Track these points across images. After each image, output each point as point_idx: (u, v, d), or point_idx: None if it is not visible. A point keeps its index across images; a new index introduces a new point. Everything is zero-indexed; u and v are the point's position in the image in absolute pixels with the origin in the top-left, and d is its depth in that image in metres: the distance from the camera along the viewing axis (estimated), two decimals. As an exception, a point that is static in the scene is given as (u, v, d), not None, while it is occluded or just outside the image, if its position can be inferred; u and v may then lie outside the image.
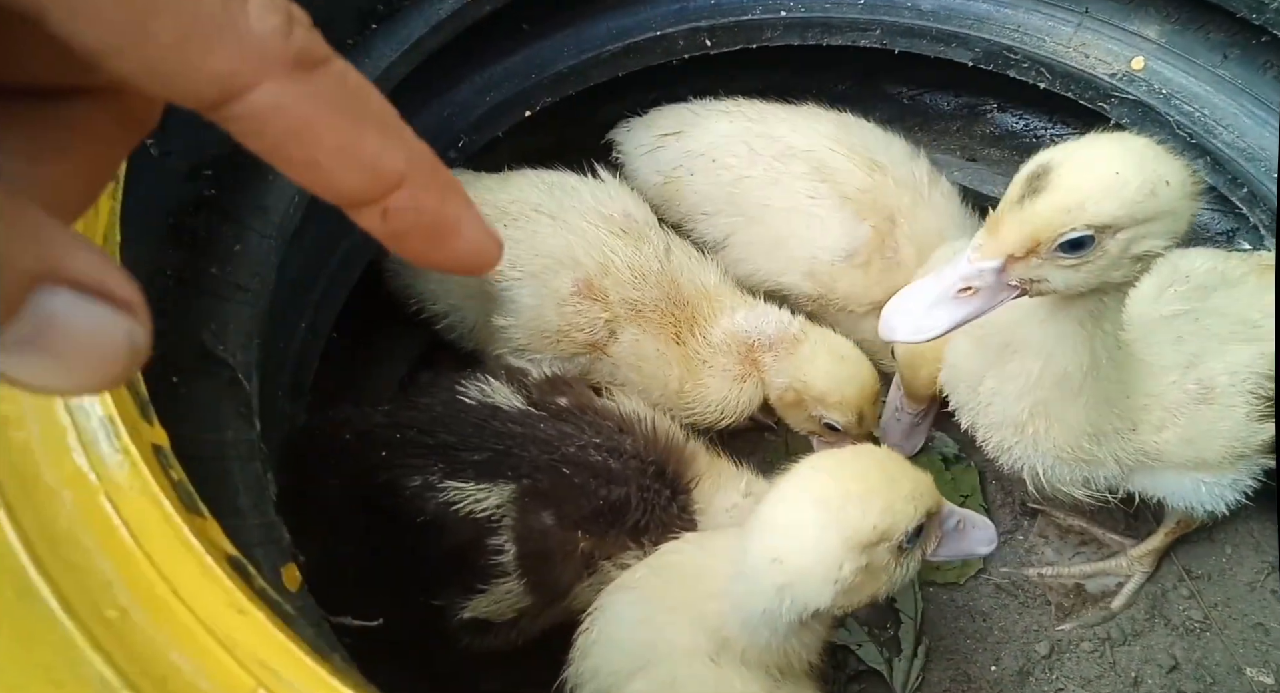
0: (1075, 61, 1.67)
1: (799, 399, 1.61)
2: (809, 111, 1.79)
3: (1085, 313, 1.18)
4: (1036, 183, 1.05)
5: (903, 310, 1.16)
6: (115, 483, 0.69)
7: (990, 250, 1.10)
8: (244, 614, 0.64)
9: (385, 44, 1.45)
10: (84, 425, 0.72)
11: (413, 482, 1.28)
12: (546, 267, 1.54)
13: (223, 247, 1.25)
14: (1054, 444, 1.32)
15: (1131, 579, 1.69)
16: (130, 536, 0.67)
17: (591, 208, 1.60)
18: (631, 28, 1.79)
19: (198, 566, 0.66)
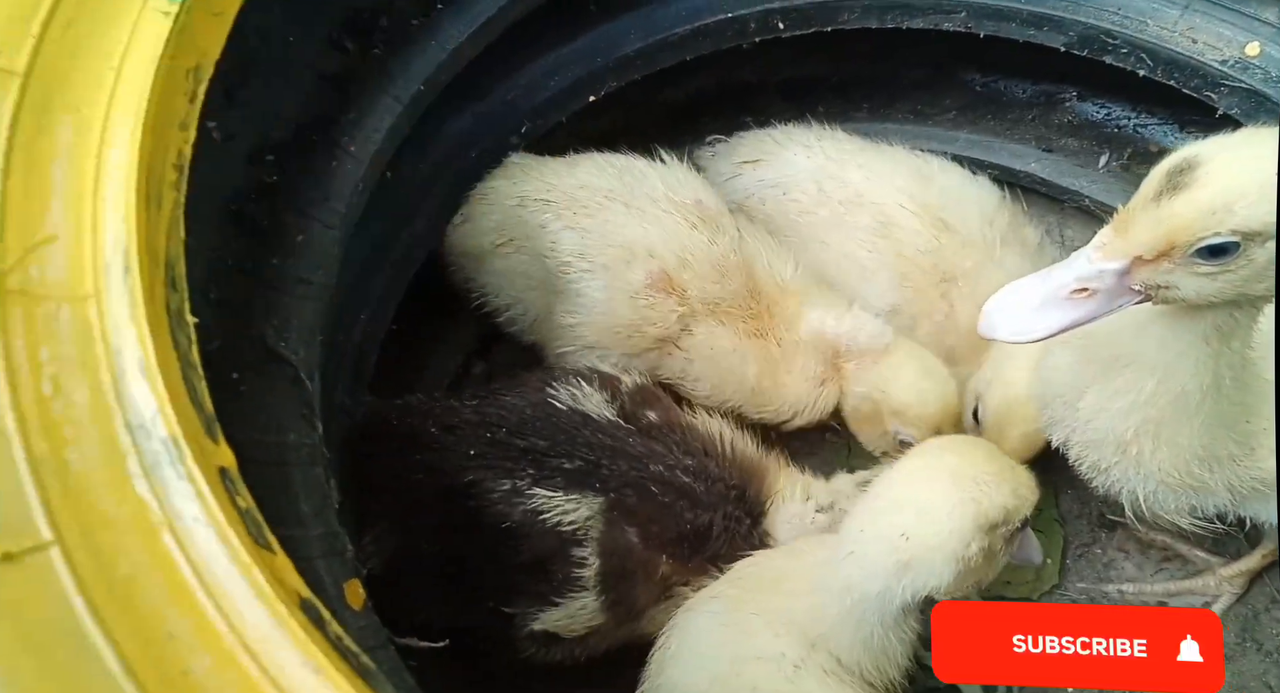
0: (1181, 47, 1.53)
1: (875, 411, 1.52)
2: (890, 156, 1.71)
3: (1212, 328, 1.05)
4: (1179, 179, 0.93)
5: (1006, 308, 1.05)
6: (179, 515, 0.61)
7: (1115, 250, 0.98)
8: (320, 674, 0.55)
9: (453, 24, 1.36)
10: (145, 447, 0.63)
11: (501, 486, 1.22)
12: (618, 257, 1.45)
13: (286, 237, 1.18)
14: (1159, 467, 1.20)
15: (1220, 600, 1.57)
16: (196, 579, 0.58)
17: (664, 195, 1.50)
18: (702, 9, 1.69)
19: (270, 614, 0.57)
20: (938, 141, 1.99)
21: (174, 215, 0.77)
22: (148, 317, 0.67)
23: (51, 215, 0.70)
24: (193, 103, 0.82)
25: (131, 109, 0.76)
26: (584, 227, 1.47)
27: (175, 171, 0.78)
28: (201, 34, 0.85)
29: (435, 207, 1.55)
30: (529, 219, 1.50)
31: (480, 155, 1.59)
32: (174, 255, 0.75)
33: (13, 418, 0.61)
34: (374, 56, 1.34)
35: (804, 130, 1.79)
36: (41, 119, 0.74)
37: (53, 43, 0.77)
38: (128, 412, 0.64)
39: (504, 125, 1.61)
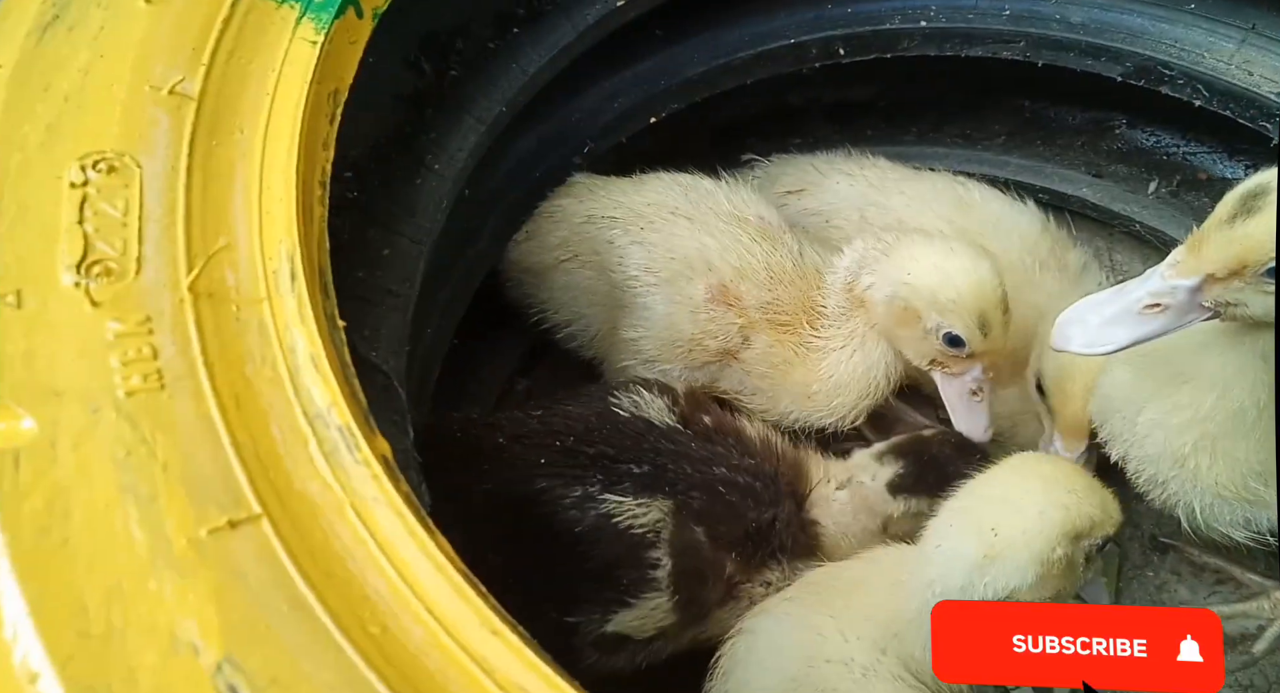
0: (1238, 78, 1.65)
1: (907, 311, 1.44)
2: (931, 184, 1.80)
3: (1271, 346, 1.15)
4: (1253, 202, 1.03)
5: (1079, 321, 1.14)
6: (359, 495, 0.72)
7: (1188, 268, 1.08)
8: (497, 635, 0.66)
9: (533, 49, 1.48)
10: (324, 435, 0.74)
11: (572, 492, 1.31)
12: (680, 272, 1.55)
13: (371, 250, 1.28)
14: (1216, 481, 1.30)
15: (1275, 624, 1.63)
16: (380, 550, 0.69)
17: (728, 212, 1.60)
18: (766, 35, 1.81)
19: (448, 583, 0.68)
20: (988, 166, 2.11)
21: (321, 227, 0.89)
22: (314, 319, 0.79)
23: (228, 226, 0.82)
24: (332, 124, 0.95)
25: (286, 130, 0.88)
26: (650, 241, 1.58)
27: (321, 187, 0.90)
28: (340, 61, 0.98)
29: (499, 224, 1.67)
30: (596, 235, 1.62)
31: (544, 174, 1.71)
32: (324, 264, 0.87)
33: (215, 405, 0.72)
34: (451, 78, 1.47)
35: (846, 159, 1.89)
36: (212, 140, 0.86)
37: (219, 70, 0.90)
38: (305, 403, 0.75)
39: (568, 145, 1.73)
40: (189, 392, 0.74)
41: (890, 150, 2.10)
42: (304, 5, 0.98)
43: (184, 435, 0.72)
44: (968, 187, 1.81)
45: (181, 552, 0.65)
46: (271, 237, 0.82)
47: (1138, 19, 1.73)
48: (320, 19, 0.97)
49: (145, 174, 0.85)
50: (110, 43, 0.94)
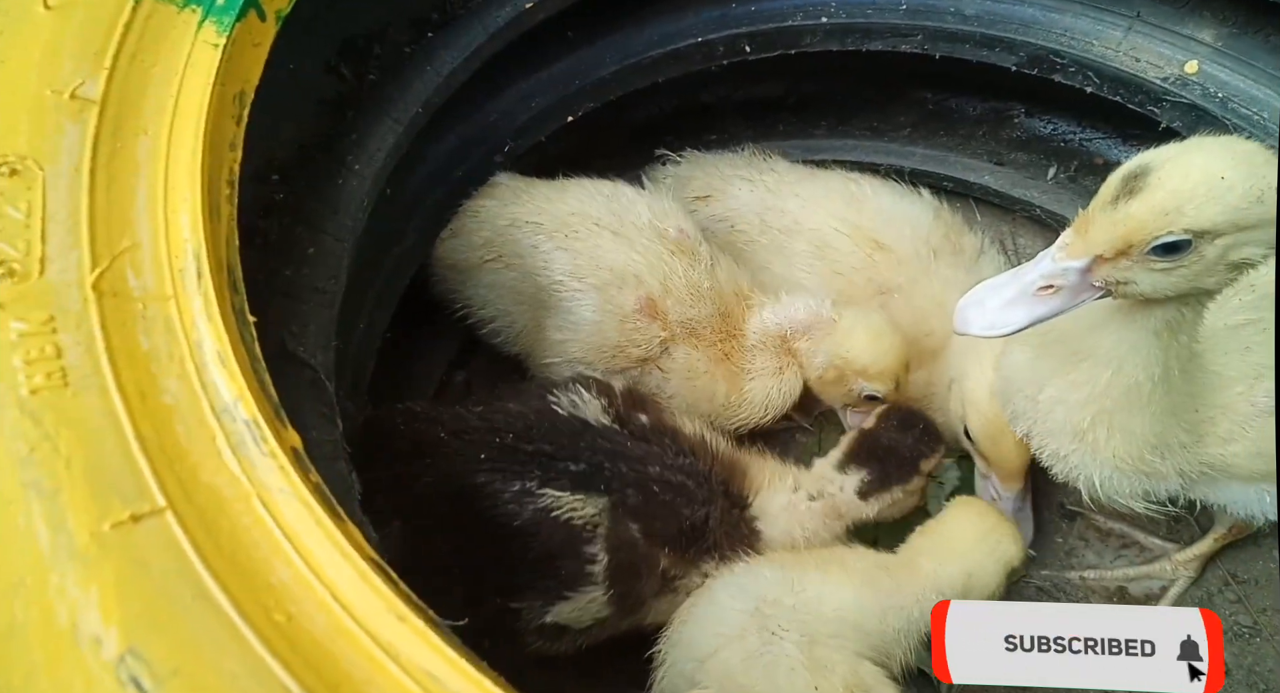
0: (1125, 65, 1.69)
1: (839, 375, 1.65)
2: (824, 183, 1.85)
3: (1162, 323, 1.17)
4: (1133, 183, 1.03)
5: (978, 304, 1.16)
6: (266, 486, 0.71)
7: (1077, 250, 1.09)
8: (404, 621, 0.66)
9: (446, 51, 1.48)
10: (231, 428, 0.73)
11: (511, 486, 1.32)
12: (609, 281, 1.58)
13: (297, 249, 1.27)
14: (1114, 454, 1.32)
15: (1176, 584, 1.69)
16: (286, 539, 0.68)
17: (649, 224, 1.64)
18: (674, 34, 1.82)
19: (354, 570, 0.68)
20: (895, 157, 2.15)
21: (230, 226, 0.88)
22: (220, 315, 0.78)
23: (132, 226, 0.80)
24: (239, 125, 0.93)
25: (190, 131, 0.87)
26: (575, 249, 1.60)
27: (228, 186, 0.89)
28: (244, 63, 0.96)
29: (424, 222, 1.66)
30: (520, 239, 1.62)
31: (466, 174, 1.71)
32: (233, 261, 0.85)
33: (120, 400, 0.71)
34: (370, 82, 1.45)
35: (747, 163, 1.93)
36: (116, 142, 0.85)
37: (122, 74, 0.88)
38: (212, 397, 0.74)
39: (488, 145, 1.73)
40: (93, 389, 0.72)
41: (801, 144, 2.15)
42: (206, 9, 0.96)
43: (88, 432, 0.70)
44: (859, 182, 1.85)
45: (84, 546, 0.64)
46: (177, 236, 0.81)
47: (1029, 9, 1.77)
48: (222, 22, 0.95)
49: (48, 177, 0.83)
50: (11, 48, 0.92)
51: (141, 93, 0.88)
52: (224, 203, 0.88)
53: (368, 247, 1.47)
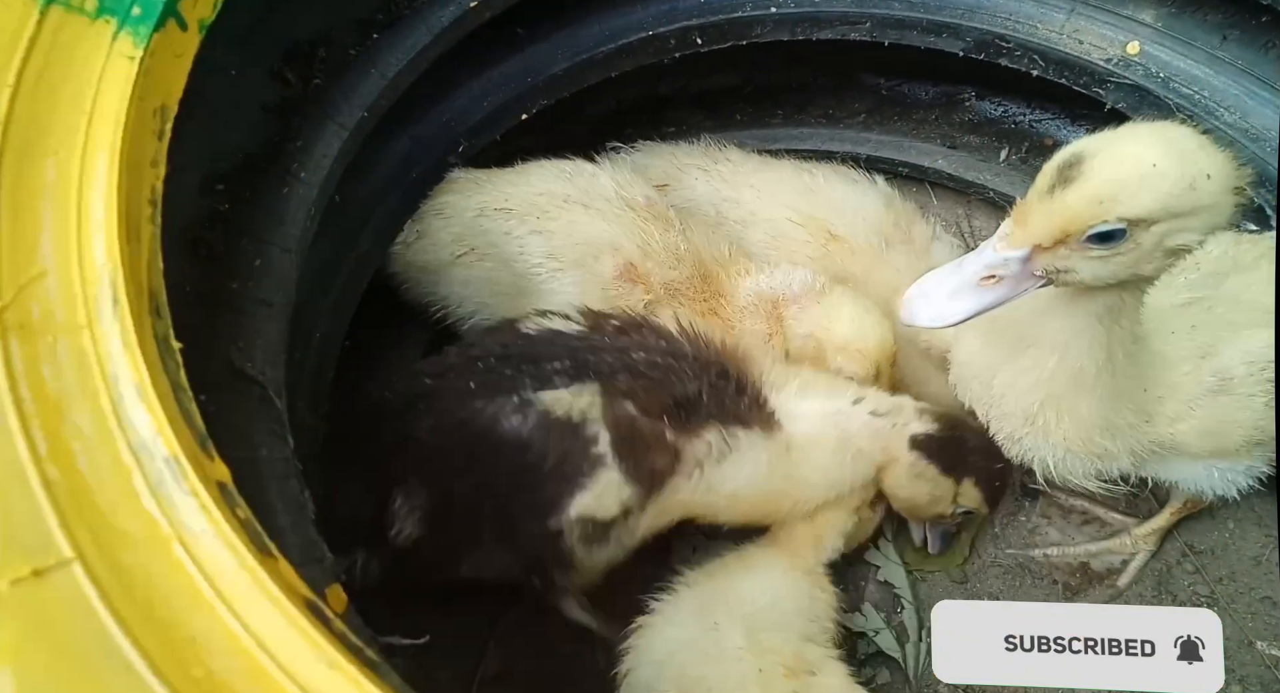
0: (1069, 48, 1.65)
1: (818, 350, 1.59)
2: (778, 174, 1.81)
3: (1104, 309, 1.16)
4: (1068, 173, 1.01)
5: (925, 295, 1.14)
6: (188, 528, 0.65)
7: (1017, 240, 1.07)
8: (334, 668, 0.60)
9: (391, 53, 1.40)
10: (149, 466, 0.67)
11: (510, 400, 1.30)
12: (587, 253, 1.53)
13: (243, 261, 1.21)
14: (1064, 437, 1.31)
15: (1136, 557, 1.68)
16: (209, 586, 0.62)
17: (615, 194, 1.59)
18: (624, 29, 1.76)
19: (282, 615, 0.62)
20: (850, 144, 2.11)
21: (152, 247, 0.81)
22: (139, 344, 0.71)
23: (41, 253, 0.73)
24: (161, 140, 0.86)
25: (106, 149, 0.79)
26: (549, 230, 1.54)
27: (150, 206, 0.82)
28: (165, 75, 0.89)
29: (379, 226, 1.59)
30: (491, 228, 1.56)
31: (420, 176, 1.64)
32: (156, 285, 0.79)
33: (25, 445, 0.64)
34: (315, 86, 1.38)
35: (702, 153, 1.87)
36: (24, 163, 0.77)
37: (28, 91, 0.80)
38: (129, 434, 0.68)
39: (441, 146, 1.66)
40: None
41: (759, 134, 2.10)
42: (121, 20, 0.88)
43: (-12, 481, 0.63)
44: (813, 173, 1.80)
45: (-20, 608, 0.57)
46: (90, 262, 0.74)
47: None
48: (139, 33, 0.88)
49: (-52, 205, 0.76)
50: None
51: (50, 112, 0.81)
52: (145, 224, 0.81)
53: (320, 255, 1.40)
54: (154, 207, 0.82)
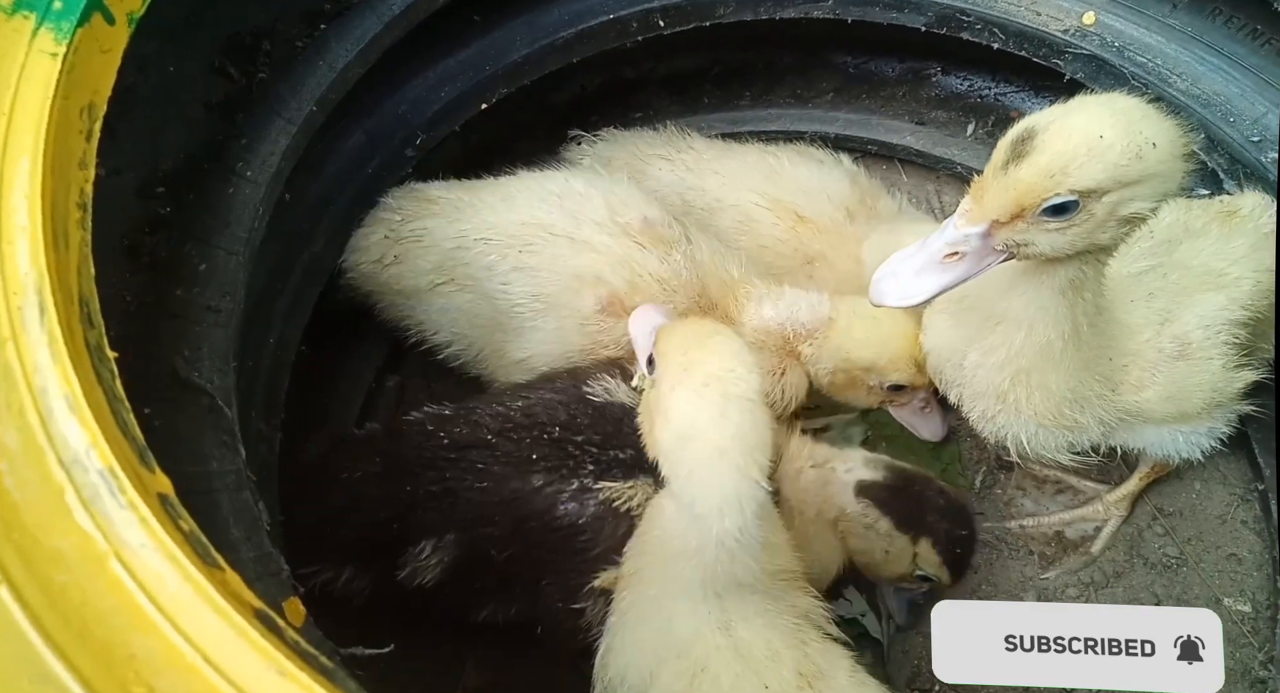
0: (1027, 20, 1.64)
1: (850, 378, 1.54)
2: (742, 159, 1.77)
3: (1066, 282, 1.16)
4: (1021, 148, 1.03)
5: (891, 275, 1.14)
6: (125, 543, 0.62)
7: (975, 216, 1.08)
8: (284, 676, 0.58)
9: (339, 44, 1.36)
10: (83, 481, 0.64)
11: (569, 486, 1.28)
12: (568, 287, 1.45)
13: (187, 267, 1.17)
14: (1035, 412, 1.31)
15: (1109, 523, 1.69)
16: (149, 601, 0.59)
17: (607, 218, 1.48)
18: (584, 12, 1.73)
19: (229, 626, 0.59)
20: (819, 123, 2.08)
21: (83, 252, 0.77)
22: (69, 355, 0.68)
23: (-41, 263, 0.70)
24: (89, 140, 0.82)
25: (28, 151, 0.76)
26: (532, 265, 1.45)
27: (79, 210, 0.78)
28: (91, 72, 0.85)
29: (334, 224, 1.54)
30: (472, 260, 1.47)
31: (377, 170, 1.60)
32: (87, 292, 0.75)
33: (-55, 465, 0.61)
34: (260, 81, 1.34)
35: (665, 141, 1.82)
36: (-63, 169, 0.73)
37: (-61, 92, 0.76)
38: (60, 449, 0.65)
39: (398, 139, 1.62)
40: (-87, 455, 0.62)
41: (727, 116, 2.08)
42: (40, 14, 0.84)
43: (-94, 506, 0.60)
44: (777, 155, 1.78)
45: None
46: (14, 270, 0.70)
47: (933, -31, 1.69)
48: (60, 29, 0.84)
49: None
50: None
51: (-35, 114, 0.77)
52: (74, 228, 0.77)
53: (270, 257, 1.36)
54: (83, 211, 0.79)
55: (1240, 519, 1.69)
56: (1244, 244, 1.35)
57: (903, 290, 1.13)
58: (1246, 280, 1.31)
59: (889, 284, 1.14)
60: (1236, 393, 1.36)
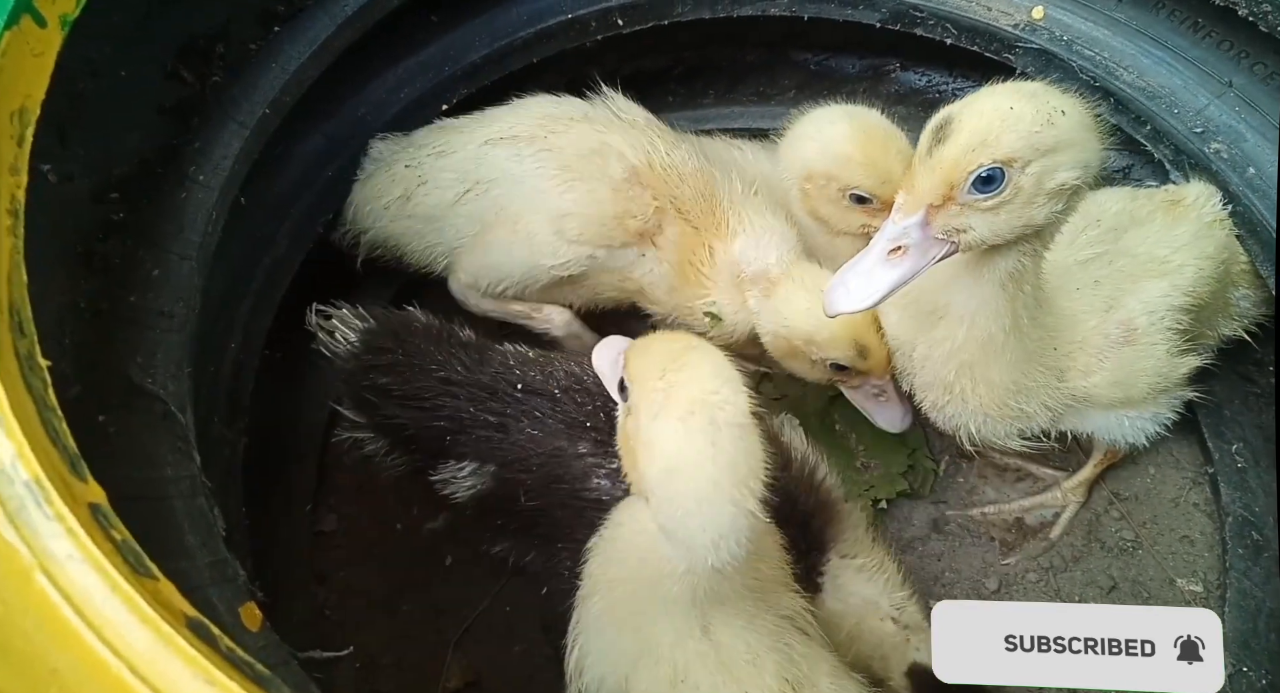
0: (978, 15, 1.63)
1: (791, 346, 1.50)
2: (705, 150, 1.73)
3: (1005, 275, 1.17)
4: (941, 133, 1.06)
5: (841, 284, 1.15)
6: (51, 555, 0.60)
7: (910, 205, 1.10)
8: (213, 686, 0.56)
9: (292, 46, 1.34)
10: (8, 492, 0.62)
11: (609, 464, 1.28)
12: (596, 158, 1.51)
13: (141, 272, 1.16)
14: (981, 403, 1.32)
15: (1067, 509, 1.69)
16: (75, 614, 0.57)
17: (614, 116, 1.58)
18: (543, 12, 1.71)
19: (157, 636, 0.57)
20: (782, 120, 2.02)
21: (14, 260, 0.75)
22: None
23: (-120, 274, 0.67)
24: (21, 146, 0.80)
25: (-46, 159, 0.73)
26: (558, 145, 1.51)
27: (10, 216, 0.76)
28: (22, 76, 0.83)
29: (296, 226, 1.52)
30: (499, 154, 1.52)
31: (337, 173, 1.58)
32: (18, 300, 0.73)
33: None
34: (214, 84, 1.31)
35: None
36: None
37: None
38: (-16, 460, 0.62)
39: (358, 141, 1.60)
40: None
41: (691, 115, 2.06)
42: (-32, 19, 0.81)
43: None
44: (741, 149, 1.78)
45: None
46: (-61, 279, 0.68)
47: (885, -35, 1.68)
48: (-11, 32, 0.81)
49: None
50: None
51: (-112, 122, 0.75)
52: (4, 235, 0.75)
53: (229, 261, 1.34)
54: (15, 217, 0.76)
55: (1192, 502, 1.70)
56: (1187, 232, 1.36)
57: (854, 296, 1.13)
58: (1189, 268, 1.32)
59: (839, 293, 1.14)
60: (1181, 378, 1.36)
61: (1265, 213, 1.37)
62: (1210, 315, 1.41)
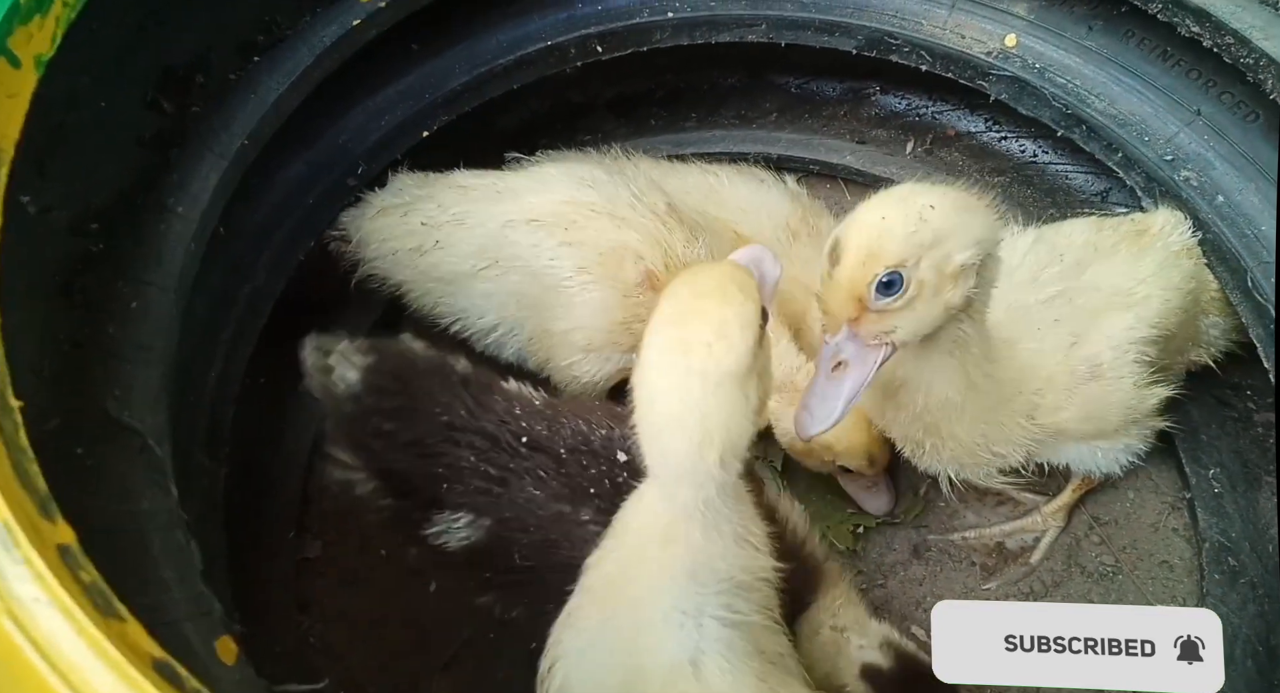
0: (952, 42, 1.66)
1: (808, 449, 1.57)
2: (682, 180, 1.79)
3: (950, 344, 1.22)
4: (834, 256, 1.12)
5: (804, 409, 1.20)
6: (18, 599, 0.61)
7: (831, 325, 1.16)
8: (176, 728, 0.57)
9: (271, 77, 1.35)
10: (-25, 538, 0.63)
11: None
12: (613, 260, 1.49)
13: (119, 304, 1.17)
14: (952, 455, 1.38)
15: (1047, 534, 1.71)
16: (40, 658, 0.58)
17: (636, 200, 1.55)
18: (522, 39, 1.72)
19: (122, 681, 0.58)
20: (762, 144, 2.09)
21: (-15, 298, 0.76)
22: (-36, 406, 0.67)
23: None
24: (-7, 187, 0.81)
25: (-74, 199, 0.74)
26: (579, 241, 1.49)
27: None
28: (-4, 118, 0.84)
29: (275, 256, 1.53)
30: (520, 240, 1.51)
31: (318, 201, 1.59)
32: (-13, 339, 0.74)
33: None
34: (193, 114, 1.33)
35: (600, 160, 1.82)
36: None
37: None
38: (-50, 504, 0.64)
39: (339, 168, 1.61)
40: None
41: (672, 138, 2.09)
42: (-57, 61, 0.83)
43: None
44: (718, 174, 1.80)
45: None
46: (-91, 320, 0.69)
47: (860, -8, 1.71)
48: (-38, 74, 0.83)
49: None
50: None
51: None
52: (-24, 275, 0.76)
53: (209, 292, 1.36)
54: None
55: (1171, 527, 1.72)
56: (1152, 263, 1.38)
57: (815, 418, 1.17)
58: (1155, 299, 1.35)
59: (804, 418, 1.18)
60: (1151, 409, 1.39)
61: (1234, 240, 1.39)
62: (1180, 345, 1.43)
